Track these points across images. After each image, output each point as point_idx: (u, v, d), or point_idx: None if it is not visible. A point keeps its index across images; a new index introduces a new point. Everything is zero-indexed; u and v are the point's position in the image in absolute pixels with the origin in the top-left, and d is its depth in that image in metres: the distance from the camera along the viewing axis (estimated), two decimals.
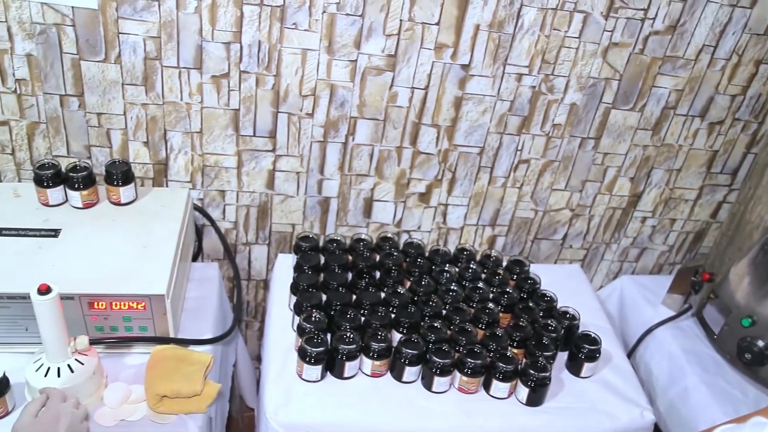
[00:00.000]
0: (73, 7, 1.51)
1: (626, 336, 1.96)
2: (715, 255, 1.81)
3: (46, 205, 1.62)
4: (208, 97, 1.67)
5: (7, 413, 1.34)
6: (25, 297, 1.35)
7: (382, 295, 1.66)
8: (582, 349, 1.61)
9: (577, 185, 1.96)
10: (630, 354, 1.87)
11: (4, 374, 1.32)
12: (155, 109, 1.68)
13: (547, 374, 1.51)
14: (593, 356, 1.61)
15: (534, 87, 1.75)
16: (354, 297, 1.65)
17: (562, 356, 1.67)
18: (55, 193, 1.61)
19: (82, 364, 1.34)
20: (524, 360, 1.57)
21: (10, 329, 1.43)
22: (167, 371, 1.42)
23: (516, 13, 1.62)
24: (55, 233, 1.55)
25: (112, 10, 1.53)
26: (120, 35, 1.56)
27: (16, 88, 1.62)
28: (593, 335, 1.65)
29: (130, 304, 1.44)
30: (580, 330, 1.69)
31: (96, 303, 1.43)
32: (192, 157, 1.77)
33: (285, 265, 1.83)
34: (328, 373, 1.53)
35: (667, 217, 2.07)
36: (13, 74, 1.59)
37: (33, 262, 1.46)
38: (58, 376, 1.31)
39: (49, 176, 1.59)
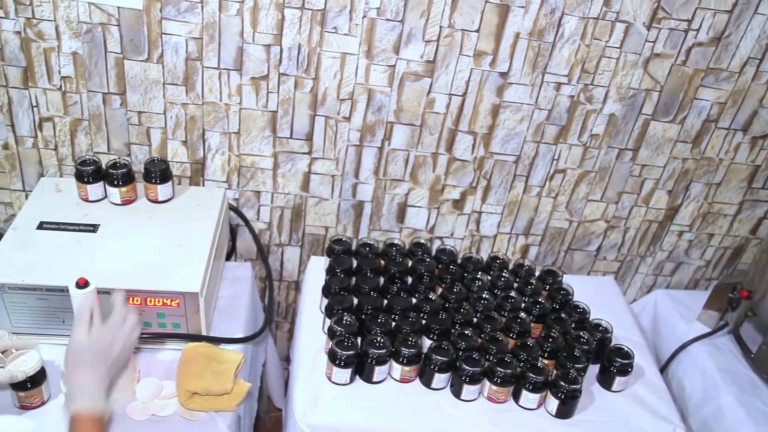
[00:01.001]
0: (118, 7, 1.54)
1: (659, 351, 1.93)
2: (754, 272, 1.78)
3: (86, 200, 1.65)
4: (247, 99, 1.69)
5: (43, 403, 1.36)
6: (63, 290, 1.38)
7: (414, 300, 1.66)
8: (614, 363, 1.59)
9: (613, 197, 1.94)
10: (663, 369, 1.84)
11: (41, 365, 1.34)
12: (194, 109, 1.70)
13: (578, 386, 1.49)
14: (625, 370, 1.59)
15: (572, 96, 1.73)
16: (385, 302, 1.65)
17: (594, 369, 1.65)
18: (95, 189, 1.64)
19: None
20: (555, 371, 1.55)
21: (48, 321, 1.46)
22: (198, 369, 1.44)
23: (557, 21, 1.61)
24: (93, 228, 1.57)
25: (156, 11, 1.55)
26: (163, 35, 1.59)
27: (61, 86, 1.65)
28: (626, 349, 1.62)
29: (165, 300, 1.46)
30: (612, 343, 1.67)
31: (131, 298, 1.45)
32: (229, 158, 1.79)
33: (317, 268, 1.83)
34: (358, 376, 1.53)
35: (705, 232, 2.03)
36: (59, 72, 1.63)
37: (72, 256, 1.49)
38: None
39: (89, 172, 1.62)
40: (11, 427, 1.32)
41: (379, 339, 1.51)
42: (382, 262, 1.79)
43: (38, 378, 1.33)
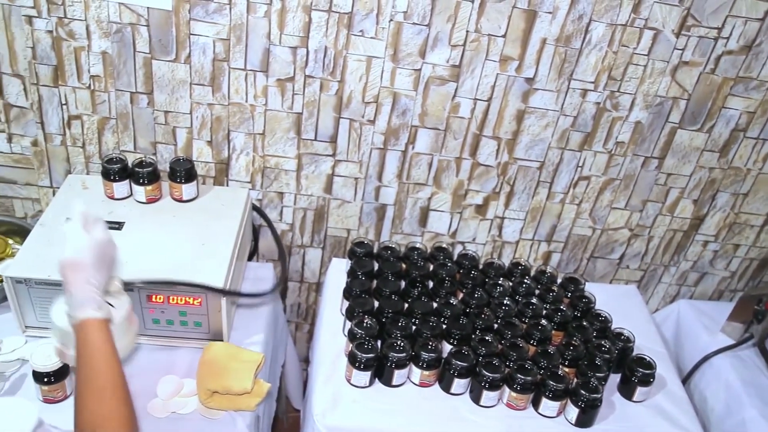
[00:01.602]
0: (148, 7, 1.55)
1: (681, 362, 1.91)
2: None
3: (112, 198, 1.67)
4: (273, 100, 1.70)
5: (66, 397, 1.38)
6: None
7: (434, 305, 1.66)
8: (636, 373, 1.57)
9: (638, 205, 1.92)
10: (685, 381, 1.82)
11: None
12: (220, 110, 1.72)
13: (599, 395, 1.48)
14: (647, 380, 1.58)
15: (599, 103, 1.72)
16: (406, 305, 1.65)
17: (614, 378, 1.63)
18: (121, 187, 1.66)
19: (113, 306, 1.23)
20: (575, 380, 1.54)
21: None
22: (219, 367, 1.45)
23: (584, 28, 1.60)
24: (119, 226, 1.59)
25: (185, 12, 1.56)
26: (191, 36, 1.60)
27: (90, 84, 1.67)
28: (648, 359, 1.61)
29: (187, 299, 1.47)
30: (634, 353, 1.65)
31: (154, 296, 1.46)
32: (253, 158, 1.80)
33: (338, 270, 1.84)
34: (377, 379, 1.53)
35: (731, 243, 2.01)
36: (89, 71, 1.65)
37: None
38: None
39: (116, 170, 1.64)
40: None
41: (399, 342, 1.51)
42: (404, 265, 1.78)
43: (61, 373, 1.35)
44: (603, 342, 1.62)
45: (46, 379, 1.34)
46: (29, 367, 1.38)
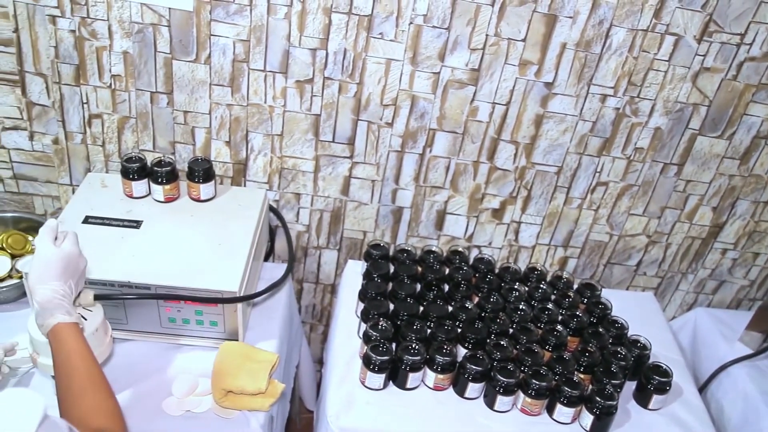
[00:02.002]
0: (169, 8, 1.57)
1: (698, 370, 1.90)
2: None
3: (130, 196, 1.68)
4: (291, 101, 1.70)
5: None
6: (105, 284, 1.41)
7: (450, 308, 1.66)
8: (652, 380, 1.56)
9: (656, 211, 1.91)
10: (701, 390, 1.80)
11: None
12: (239, 110, 1.73)
13: (614, 403, 1.47)
14: (663, 388, 1.56)
15: (618, 109, 1.71)
16: (421, 308, 1.65)
17: (630, 386, 1.62)
18: (140, 186, 1.67)
19: (86, 319, 1.29)
20: (590, 386, 1.53)
21: None
22: (234, 367, 1.45)
23: (605, 33, 1.59)
24: (137, 224, 1.60)
25: (205, 13, 1.57)
26: (211, 37, 1.61)
27: (111, 84, 1.68)
28: (664, 367, 1.60)
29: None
30: (650, 360, 1.64)
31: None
32: (271, 159, 1.80)
33: (354, 272, 1.84)
34: (391, 382, 1.53)
35: (750, 251, 1.99)
36: (110, 70, 1.66)
37: (115, 251, 1.51)
38: None
39: (135, 169, 1.65)
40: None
41: (414, 346, 1.51)
42: (420, 268, 1.78)
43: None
44: (619, 349, 1.61)
45: None
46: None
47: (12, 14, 1.57)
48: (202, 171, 1.67)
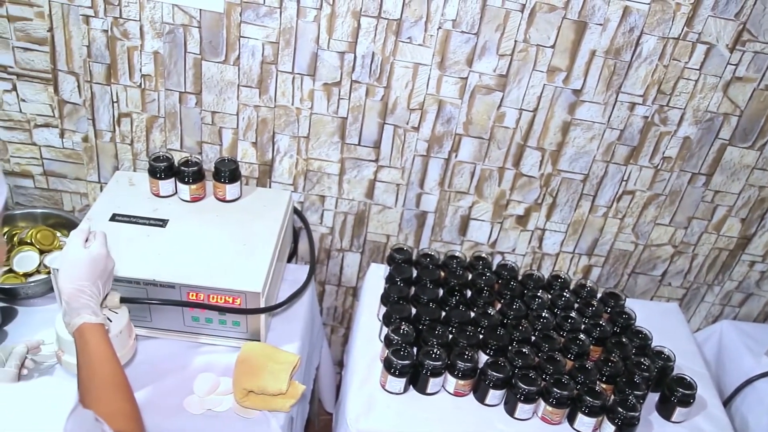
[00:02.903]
0: (200, 9, 1.58)
1: (722, 384, 1.87)
2: None
3: (157, 195, 1.70)
4: (318, 104, 1.71)
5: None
6: (131, 281, 1.43)
7: (472, 314, 1.65)
8: (675, 393, 1.54)
9: (683, 221, 1.89)
10: (726, 403, 1.78)
11: None
12: (266, 112, 1.74)
13: (637, 414, 1.46)
14: (687, 401, 1.54)
15: (646, 117, 1.70)
16: (443, 313, 1.65)
17: (653, 397, 1.61)
18: (166, 185, 1.69)
19: (111, 321, 1.33)
20: (613, 396, 1.52)
21: None
22: (256, 367, 1.46)
23: (635, 40, 1.58)
24: (163, 223, 1.62)
25: (236, 14, 1.59)
26: (241, 38, 1.62)
27: (141, 83, 1.70)
28: (688, 379, 1.58)
29: (226, 298, 1.49)
30: (674, 372, 1.62)
31: (194, 294, 1.48)
32: (297, 161, 1.81)
33: (377, 275, 1.84)
34: (411, 386, 1.53)
35: None
36: (140, 70, 1.68)
37: (141, 249, 1.53)
38: None
39: (162, 168, 1.67)
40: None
41: (435, 351, 1.51)
42: (442, 273, 1.78)
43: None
44: (642, 359, 1.59)
45: None
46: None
47: (47, 14, 1.60)
48: (228, 171, 1.68)
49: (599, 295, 1.83)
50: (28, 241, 1.67)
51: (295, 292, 1.64)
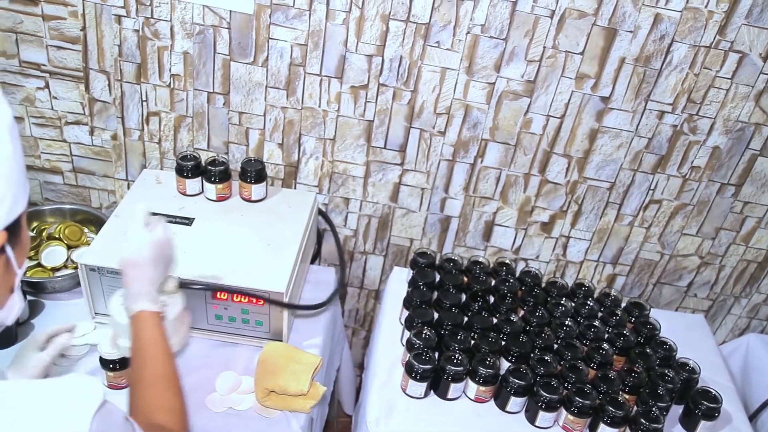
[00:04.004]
0: (231, 11, 1.59)
1: (748, 398, 1.84)
2: None
3: (184, 194, 1.72)
4: (345, 107, 1.72)
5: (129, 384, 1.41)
6: None
7: (494, 320, 1.64)
8: (700, 406, 1.52)
9: (710, 232, 1.86)
10: (752, 418, 1.75)
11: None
12: (293, 113, 1.74)
13: (660, 426, 1.44)
14: (712, 415, 1.52)
15: (675, 126, 1.68)
16: (466, 319, 1.64)
17: (676, 410, 1.58)
18: (193, 184, 1.70)
19: (166, 306, 1.29)
20: (635, 407, 1.50)
21: None
22: (277, 368, 1.47)
23: (665, 48, 1.57)
24: (189, 222, 1.63)
25: (265, 16, 1.60)
26: (270, 40, 1.63)
27: (170, 83, 1.72)
28: (713, 392, 1.55)
29: (251, 298, 1.49)
30: (699, 385, 1.60)
31: (218, 293, 1.49)
32: (322, 163, 1.82)
33: (399, 279, 1.84)
34: (432, 391, 1.53)
35: None
36: (170, 70, 1.70)
37: None
38: None
39: (189, 167, 1.69)
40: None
41: (457, 356, 1.50)
42: (465, 278, 1.77)
43: (126, 360, 1.39)
44: (666, 371, 1.57)
45: (111, 366, 1.39)
46: (93, 352, 1.44)
47: (81, 13, 1.62)
48: (254, 172, 1.69)
49: (623, 305, 1.81)
50: (57, 236, 1.70)
51: (332, 294, 1.65)
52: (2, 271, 0.82)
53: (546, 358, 1.55)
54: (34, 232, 1.74)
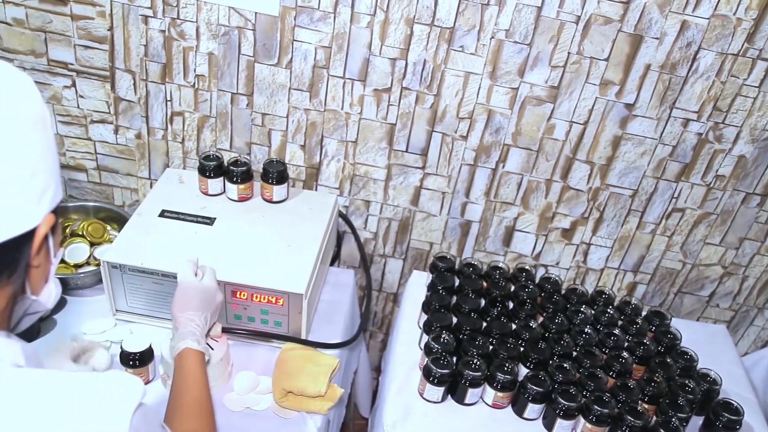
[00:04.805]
0: (256, 12, 1.60)
1: None
2: None
3: (206, 194, 1.73)
4: (368, 109, 1.72)
5: (148, 382, 1.43)
6: (176, 276, 1.45)
7: (513, 326, 1.63)
8: (721, 417, 1.50)
9: (734, 242, 1.84)
10: None
11: (149, 345, 1.41)
12: (316, 115, 1.75)
13: None
14: (733, 427, 1.50)
15: (700, 134, 1.66)
16: (484, 324, 1.63)
17: (696, 421, 1.57)
18: (215, 184, 1.71)
19: (212, 349, 1.41)
20: (655, 417, 1.49)
21: (161, 305, 1.54)
22: (295, 369, 1.47)
23: (692, 55, 1.55)
24: (210, 221, 1.64)
25: (290, 18, 1.61)
26: (294, 42, 1.64)
27: (194, 83, 1.73)
28: (735, 404, 1.53)
29: (270, 298, 1.50)
30: (720, 396, 1.58)
31: (239, 292, 1.50)
32: (344, 165, 1.82)
33: (418, 283, 1.84)
34: (450, 396, 1.52)
35: None
36: (194, 70, 1.71)
37: (188, 245, 1.55)
38: None
39: (211, 167, 1.70)
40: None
41: (475, 361, 1.50)
42: (485, 283, 1.77)
43: (146, 357, 1.40)
44: (687, 381, 1.56)
45: (131, 362, 1.40)
46: (114, 349, 1.45)
47: (108, 13, 1.64)
48: (276, 173, 1.70)
49: (644, 313, 1.79)
50: (80, 233, 1.72)
51: (363, 312, 1.70)
52: (43, 259, 0.84)
53: (565, 365, 1.53)
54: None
